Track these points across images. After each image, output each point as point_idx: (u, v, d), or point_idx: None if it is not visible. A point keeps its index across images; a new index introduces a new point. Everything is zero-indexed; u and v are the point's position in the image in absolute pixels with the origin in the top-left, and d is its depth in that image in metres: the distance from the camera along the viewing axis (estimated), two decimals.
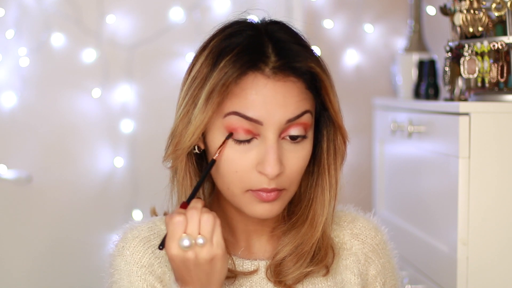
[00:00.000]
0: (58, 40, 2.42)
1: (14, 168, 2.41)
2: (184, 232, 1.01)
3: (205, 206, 1.06)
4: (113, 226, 2.41)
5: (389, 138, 2.12)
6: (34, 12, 2.40)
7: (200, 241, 1.01)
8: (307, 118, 1.07)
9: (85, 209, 2.46)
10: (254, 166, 1.06)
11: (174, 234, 1.01)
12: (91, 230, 2.45)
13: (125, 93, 2.46)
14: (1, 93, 2.40)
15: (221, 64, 1.04)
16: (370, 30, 2.54)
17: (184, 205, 1.04)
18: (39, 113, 2.43)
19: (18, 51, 2.39)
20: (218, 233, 1.02)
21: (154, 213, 1.23)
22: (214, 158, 1.06)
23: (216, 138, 1.07)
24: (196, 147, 1.12)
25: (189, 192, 1.12)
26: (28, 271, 2.44)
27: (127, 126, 2.46)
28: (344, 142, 1.14)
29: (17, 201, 2.43)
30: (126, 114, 2.46)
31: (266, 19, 1.11)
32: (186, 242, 1.01)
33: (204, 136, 1.10)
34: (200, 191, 1.15)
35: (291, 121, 1.06)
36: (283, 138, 1.07)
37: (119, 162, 2.47)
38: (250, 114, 1.04)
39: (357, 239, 1.21)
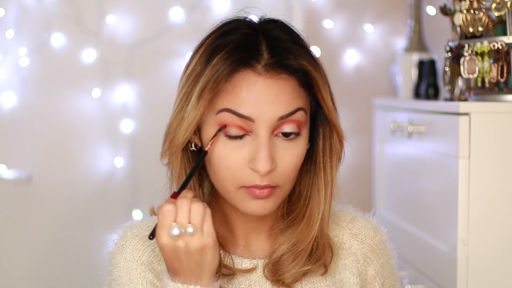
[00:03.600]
0: (58, 40, 2.42)
1: (14, 168, 2.41)
2: (174, 221, 1.01)
3: (195, 196, 1.06)
4: (113, 226, 2.39)
5: (389, 138, 2.12)
6: (34, 12, 2.40)
7: (190, 229, 1.01)
8: (300, 116, 1.07)
9: (85, 209, 2.46)
10: (247, 163, 1.06)
11: (164, 223, 1.02)
12: (91, 230, 2.45)
13: (125, 93, 2.46)
14: (1, 93, 2.40)
15: (214, 61, 1.05)
16: (370, 30, 2.54)
17: (175, 195, 1.05)
18: (39, 113, 2.43)
19: (18, 51, 2.39)
20: (208, 222, 1.03)
21: (153, 212, 1.22)
22: (206, 149, 1.07)
23: (210, 134, 1.08)
24: (192, 145, 1.12)
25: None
26: (28, 271, 2.44)
27: (127, 126, 2.46)
28: (340, 141, 1.13)
29: (17, 201, 2.43)
30: (126, 114, 2.46)
31: (265, 17, 1.12)
32: (175, 231, 1.01)
33: (199, 133, 1.10)
34: (200, 190, 1.16)
35: (283, 118, 1.06)
36: (276, 135, 1.07)
37: (119, 162, 2.47)
38: (241, 111, 1.05)
39: (356, 239, 1.21)
